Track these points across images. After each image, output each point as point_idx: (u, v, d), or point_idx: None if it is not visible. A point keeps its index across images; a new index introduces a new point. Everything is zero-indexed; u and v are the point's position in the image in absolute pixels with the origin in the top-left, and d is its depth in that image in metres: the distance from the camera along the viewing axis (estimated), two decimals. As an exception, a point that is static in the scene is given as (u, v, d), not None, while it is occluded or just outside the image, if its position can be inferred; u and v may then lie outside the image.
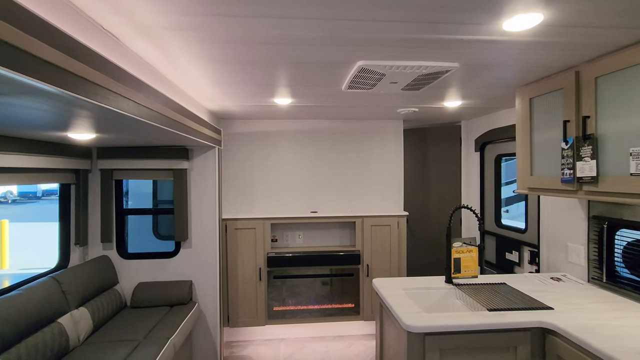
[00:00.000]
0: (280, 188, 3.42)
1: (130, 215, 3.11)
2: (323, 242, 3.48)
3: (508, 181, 3.13)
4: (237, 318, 3.19)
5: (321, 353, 3.10)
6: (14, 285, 2.04)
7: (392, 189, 3.52)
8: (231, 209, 3.39)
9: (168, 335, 2.24)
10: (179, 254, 2.85)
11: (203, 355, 2.87)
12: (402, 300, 1.86)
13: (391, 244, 3.31)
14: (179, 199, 2.76)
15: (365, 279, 3.29)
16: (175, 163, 2.73)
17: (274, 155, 3.42)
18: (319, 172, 3.45)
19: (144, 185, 3.59)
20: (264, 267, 3.20)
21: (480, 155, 3.32)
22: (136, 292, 2.69)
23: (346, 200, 3.48)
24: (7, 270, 7.57)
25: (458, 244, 2.06)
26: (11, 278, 6.91)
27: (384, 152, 3.51)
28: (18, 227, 11.20)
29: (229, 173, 3.38)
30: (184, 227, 2.77)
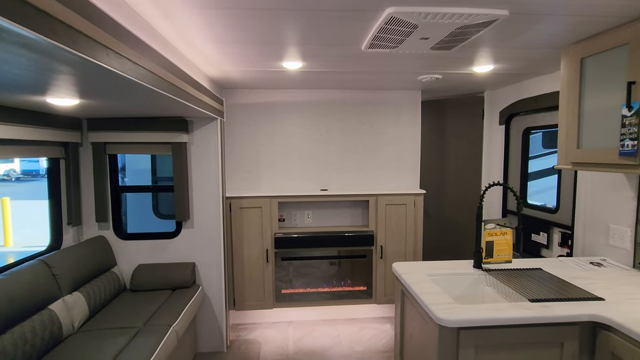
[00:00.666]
0: (288, 164, 3.19)
1: (127, 194, 2.91)
2: (334, 222, 3.27)
3: (531, 156, 2.89)
4: (244, 301, 3.04)
5: (331, 337, 2.96)
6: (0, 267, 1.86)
7: (408, 165, 3.27)
8: (235, 187, 3.17)
9: (170, 322, 2.07)
10: (180, 235, 2.66)
11: (208, 339, 2.73)
12: (429, 287, 1.66)
13: (407, 224, 3.09)
14: (179, 176, 2.54)
15: (379, 261, 3.10)
16: (173, 136, 2.49)
17: (281, 129, 3.16)
18: (330, 146, 3.20)
19: (142, 161, 3.36)
20: (271, 248, 3.02)
21: (506, 129, 3.05)
22: (136, 275, 2.52)
23: (359, 178, 3.25)
24: (10, 247, 7.52)
25: (491, 226, 1.83)
26: (15, 255, 6.85)
27: (400, 126, 3.24)
28: (21, 205, 11.12)
29: (232, 148, 3.14)
30: (184, 206, 2.56)
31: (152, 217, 3.43)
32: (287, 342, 2.90)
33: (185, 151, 2.57)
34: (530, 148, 2.92)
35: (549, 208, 2.63)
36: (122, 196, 2.69)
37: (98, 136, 2.43)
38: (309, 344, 2.87)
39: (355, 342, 2.88)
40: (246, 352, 2.75)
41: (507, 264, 1.91)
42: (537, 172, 3.83)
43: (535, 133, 3.03)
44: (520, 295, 1.58)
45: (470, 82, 2.86)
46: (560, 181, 2.50)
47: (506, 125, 3.04)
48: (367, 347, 2.81)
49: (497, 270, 1.88)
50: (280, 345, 2.85)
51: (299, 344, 2.87)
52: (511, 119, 3.01)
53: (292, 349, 2.80)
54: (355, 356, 2.70)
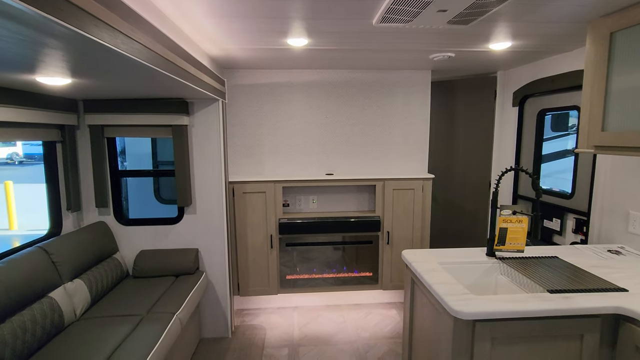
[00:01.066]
0: (292, 148, 3.09)
1: (129, 178, 2.83)
2: (339, 207, 3.20)
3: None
4: (248, 287, 3.00)
5: (337, 323, 2.93)
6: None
7: (416, 148, 3.17)
8: (238, 171, 3.09)
9: (174, 309, 2.03)
10: (182, 220, 2.59)
11: (213, 325, 2.71)
12: (441, 277, 1.59)
13: (414, 209, 3.01)
14: (180, 160, 2.45)
15: (386, 246, 3.04)
16: (174, 118, 2.38)
17: (285, 111, 3.05)
18: (336, 129, 3.09)
19: (142, 145, 3.27)
20: (276, 233, 2.96)
21: (519, 111, 2.92)
22: (138, 261, 2.47)
23: (365, 161, 3.15)
24: (15, 231, 7.55)
25: (507, 212, 1.75)
26: (20, 239, 6.87)
27: (409, 108, 3.11)
28: (25, 189, 11.14)
29: (234, 131, 3.03)
30: (186, 191, 2.49)
31: (154, 202, 3.36)
32: (293, 327, 2.87)
33: (186, 134, 2.47)
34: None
35: (563, 193, 2.53)
36: (122, 181, 2.62)
37: (95, 118, 2.33)
38: (315, 329, 2.84)
39: (361, 328, 2.85)
40: (251, 337, 2.73)
41: (521, 253, 1.83)
42: (544, 155, 3.74)
43: (550, 115, 2.90)
44: (537, 285, 1.51)
45: (483, 62, 2.71)
46: (577, 165, 2.39)
47: (520, 107, 2.91)
48: (373, 333, 2.78)
49: (511, 259, 1.81)
50: (286, 330, 2.83)
51: (304, 329, 2.85)
52: (525, 101, 2.88)
53: (297, 334, 2.78)
54: (361, 342, 2.68)
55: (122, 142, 3.24)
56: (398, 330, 2.82)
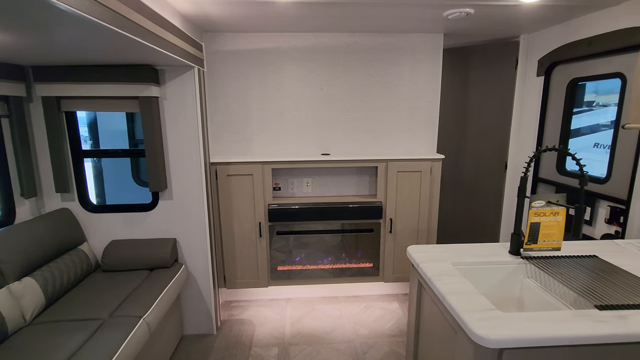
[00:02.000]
0: (283, 124, 2.73)
1: (105, 159, 2.51)
2: (336, 190, 2.87)
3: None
4: (235, 279, 2.73)
5: (333, 317, 2.67)
6: None
7: (424, 125, 2.80)
8: (222, 151, 2.75)
9: (140, 312, 1.75)
10: (157, 207, 2.28)
11: (195, 321, 2.45)
12: (458, 284, 1.28)
13: (421, 194, 2.68)
14: (150, 138, 2.11)
15: (388, 235, 2.73)
16: (141, 89, 2.03)
17: (275, 82, 2.67)
18: (333, 103, 2.72)
19: (116, 121, 2.93)
20: (265, 221, 2.65)
21: (545, 80, 2.53)
22: (107, 252, 2.18)
23: (366, 140, 2.80)
24: None
25: (540, 204, 1.41)
26: None
27: (417, 78, 2.72)
28: None
29: (217, 105, 2.67)
30: (159, 174, 2.16)
31: (134, 185, 3.05)
32: (284, 322, 2.62)
33: (157, 107, 2.12)
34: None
35: (596, 177, 2.18)
36: (95, 162, 2.29)
37: (48, 89, 1.98)
38: (309, 325, 2.58)
39: (359, 324, 2.59)
40: (238, 334, 2.48)
41: (557, 251, 1.51)
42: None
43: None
44: (578, 295, 1.20)
45: (505, 23, 2.30)
46: (616, 144, 2.03)
47: (546, 76, 2.52)
48: (372, 330, 2.52)
49: (539, 258, 1.49)
50: (277, 326, 2.57)
51: (297, 325, 2.59)
52: (553, 69, 2.48)
53: (289, 331, 2.52)
54: (359, 341, 2.42)
55: (92, 118, 2.89)
56: (400, 327, 2.55)
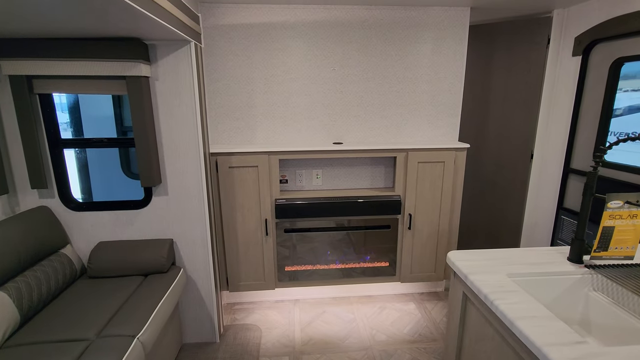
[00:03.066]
0: (290, 109, 2.45)
1: (89, 150, 2.21)
2: (349, 183, 2.62)
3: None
4: (239, 281, 2.49)
5: (346, 321, 2.45)
6: None
7: (446, 110, 2.54)
8: (223, 139, 2.46)
9: (134, 330, 1.50)
10: (151, 204, 2.01)
11: (196, 328, 2.21)
12: (522, 302, 1.05)
13: (443, 187, 2.44)
14: (140, 124, 1.82)
15: (406, 232, 2.50)
16: (128, 67, 1.72)
17: (281, 62, 2.37)
18: (346, 86, 2.44)
19: (102, 105, 2.61)
20: (271, 218, 2.39)
21: (583, 61, 2.27)
22: (94, 256, 1.92)
23: (382, 127, 2.53)
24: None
25: (617, 204, 1.17)
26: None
27: (439, 58, 2.45)
28: None
29: (217, 87, 2.37)
30: (152, 167, 1.88)
31: (124, 179, 2.75)
32: (293, 327, 2.39)
33: (148, 89, 1.82)
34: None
35: None
36: (81, 154, 2.00)
37: (17, 66, 1.67)
38: (320, 330, 2.37)
39: (375, 329, 2.38)
40: (243, 342, 2.25)
41: (629, 260, 1.28)
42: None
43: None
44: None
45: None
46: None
47: (584, 56, 2.26)
48: (390, 335, 2.32)
49: (608, 268, 1.26)
50: (285, 332, 2.35)
51: (307, 330, 2.37)
52: (593, 48, 2.22)
53: (299, 337, 2.30)
54: (377, 348, 2.21)
55: (74, 102, 2.56)
56: (419, 331, 2.35)
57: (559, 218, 2.51)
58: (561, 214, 2.49)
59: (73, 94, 2.21)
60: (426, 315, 2.52)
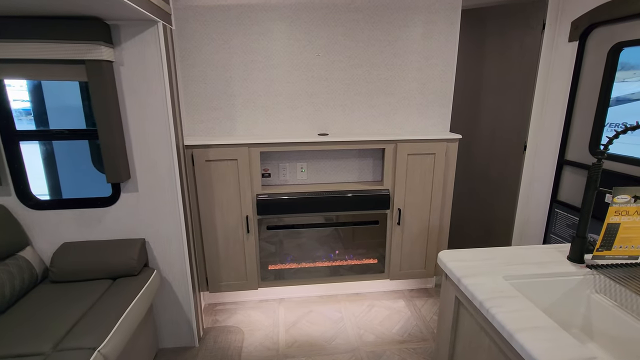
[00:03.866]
0: (272, 98, 2.30)
1: (56, 142, 2.03)
2: (336, 177, 2.49)
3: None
4: (220, 282, 2.35)
5: (333, 321, 2.35)
6: None
7: (437, 99, 2.42)
8: (199, 131, 2.30)
9: (95, 341, 1.35)
10: (119, 201, 1.85)
11: (173, 332, 2.08)
12: (523, 310, 0.94)
13: (434, 181, 2.33)
14: (104, 115, 1.65)
15: (395, 228, 2.39)
16: (86, 49, 1.55)
17: (262, 47, 2.21)
18: (332, 74, 2.29)
19: (69, 94, 2.41)
20: (253, 214, 2.25)
21: (580, 46, 2.16)
22: (57, 258, 1.76)
23: (370, 117, 2.40)
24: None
25: (623, 199, 1.07)
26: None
27: (430, 43, 2.31)
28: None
29: (192, 74, 2.20)
30: (118, 161, 1.72)
31: (96, 173, 2.57)
32: (278, 329, 2.28)
33: (111, 75, 1.65)
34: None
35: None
36: (47, 147, 1.83)
37: (-41, 49, 1.48)
38: (305, 331, 2.25)
39: (363, 328, 2.28)
40: (224, 346, 2.13)
41: (634, 259, 1.18)
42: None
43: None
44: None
45: (544, -29, 1.90)
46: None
47: (581, 42, 2.15)
48: (379, 335, 2.22)
49: (611, 268, 1.16)
50: (269, 334, 2.23)
51: (292, 331, 2.25)
52: (590, 32, 2.12)
53: (283, 339, 2.19)
54: (365, 349, 2.11)
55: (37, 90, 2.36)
56: (409, 330, 2.26)
57: (552, 212, 2.43)
58: (555, 207, 2.41)
59: (30, 81, 2.02)
60: (416, 313, 2.43)
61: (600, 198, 1.10)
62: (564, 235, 2.31)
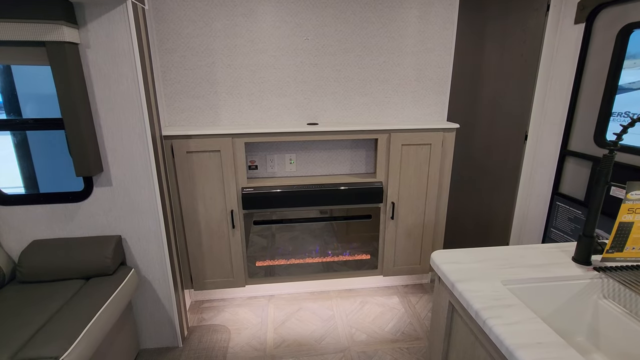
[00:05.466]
0: (258, 85, 2.16)
1: (30, 133, 1.90)
2: (326, 169, 2.36)
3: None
4: (204, 279, 2.24)
5: (324, 319, 2.25)
6: None
7: (433, 87, 2.28)
8: (181, 120, 2.17)
9: (57, 350, 1.24)
10: (92, 196, 1.73)
11: (155, 332, 1.98)
12: (525, 322, 0.83)
13: (429, 172, 2.21)
14: (69, 102, 1.52)
15: (389, 222, 2.27)
16: (45, 29, 1.41)
17: (246, 30, 2.06)
18: (322, 59, 2.15)
19: (44, 81, 2.26)
20: (238, 208, 2.13)
21: (586, 29, 2.02)
22: (26, 257, 1.64)
23: (362, 105, 2.26)
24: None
25: (638, 194, 0.95)
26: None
27: (427, 26, 2.16)
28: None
29: (170, 59, 2.06)
30: (87, 152, 1.59)
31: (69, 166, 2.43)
32: (266, 328, 2.18)
33: (76, 59, 1.51)
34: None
35: (650, 151, 1.75)
36: (20, 137, 1.70)
37: None
38: (295, 330, 2.16)
39: (355, 327, 2.19)
40: (209, 347, 2.03)
41: None
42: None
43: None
44: None
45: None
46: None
47: (587, 24, 2.01)
48: (371, 334, 2.12)
49: (621, 270, 1.05)
50: (256, 333, 2.14)
51: (281, 330, 2.16)
52: (597, 13, 1.97)
53: (271, 339, 2.10)
54: (356, 349, 2.02)
55: (6, 76, 2.21)
56: (403, 329, 2.17)
57: (553, 204, 2.32)
58: (556, 200, 2.30)
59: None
60: (410, 310, 2.34)
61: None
62: (566, 230, 2.20)
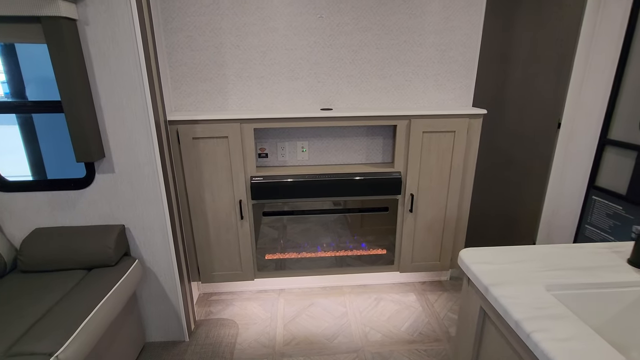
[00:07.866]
0: (269, 68, 2.03)
1: (36, 117, 1.84)
2: (341, 157, 2.23)
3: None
4: (212, 272, 2.16)
5: (336, 316, 2.14)
6: None
7: (459, 69, 2.10)
8: (189, 105, 2.06)
9: (52, 346, 1.17)
10: (94, 183, 1.65)
11: (161, 325, 1.92)
12: (573, 335, 0.69)
13: (453, 162, 2.04)
14: (67, 83, 1.43)
15: (407, 215, 2.13)
16: (40, 4, 1.31)
17: (255, 6, 1.92)
18: (336, 39, 2.00)
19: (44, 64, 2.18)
20: (247, 198, 2.03)
21: (634, 4, 1.80)
22: (27, 246, 1.58)
23: (380, 89, 2.11)
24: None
25: None
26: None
27: (451, 1, 1.98)
28: None
29: (176, 40, 1.94)
30: (88, 137, 1.50)
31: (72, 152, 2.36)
32: (275, 323, 2.09)
33: (74, 36, 1.42)
34: None
35: None
36: (27, 121, 1.63)
37: None
38: (306, 327, 2.06)
39: (369, 325, 2.07)
40: (216, 342, 1.95)
41: None
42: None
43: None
44: None
45: None
46: None
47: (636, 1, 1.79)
48: (386, 334, 2.00)
49: (688, 276, 0.89)
50: (265, 329, 2.05)
51: (291, 326, 2.06)
52: (649, -16, 1.75)
53: (281, 335, 2.00)
54: (370, 350, 1.90)
55: (11, 57, 2.14)
56: (420, 329, 2.03)
57: (589, 199, 2.12)
58: (592, 194, 2.10)
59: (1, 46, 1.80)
60: (428, 308, 2.20)
61: (636, 182, 0.85)
62: (604, 227, 2.01)
